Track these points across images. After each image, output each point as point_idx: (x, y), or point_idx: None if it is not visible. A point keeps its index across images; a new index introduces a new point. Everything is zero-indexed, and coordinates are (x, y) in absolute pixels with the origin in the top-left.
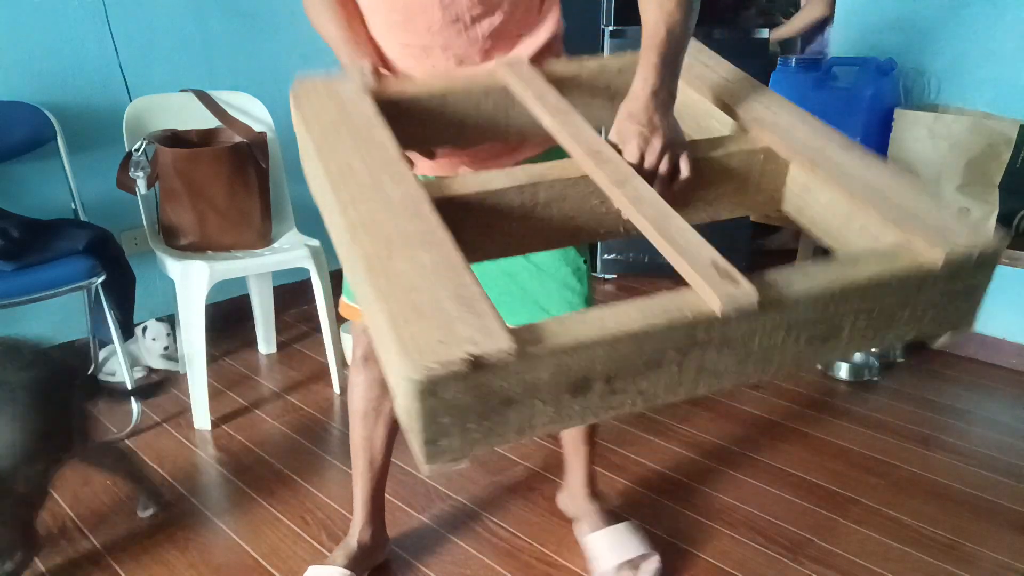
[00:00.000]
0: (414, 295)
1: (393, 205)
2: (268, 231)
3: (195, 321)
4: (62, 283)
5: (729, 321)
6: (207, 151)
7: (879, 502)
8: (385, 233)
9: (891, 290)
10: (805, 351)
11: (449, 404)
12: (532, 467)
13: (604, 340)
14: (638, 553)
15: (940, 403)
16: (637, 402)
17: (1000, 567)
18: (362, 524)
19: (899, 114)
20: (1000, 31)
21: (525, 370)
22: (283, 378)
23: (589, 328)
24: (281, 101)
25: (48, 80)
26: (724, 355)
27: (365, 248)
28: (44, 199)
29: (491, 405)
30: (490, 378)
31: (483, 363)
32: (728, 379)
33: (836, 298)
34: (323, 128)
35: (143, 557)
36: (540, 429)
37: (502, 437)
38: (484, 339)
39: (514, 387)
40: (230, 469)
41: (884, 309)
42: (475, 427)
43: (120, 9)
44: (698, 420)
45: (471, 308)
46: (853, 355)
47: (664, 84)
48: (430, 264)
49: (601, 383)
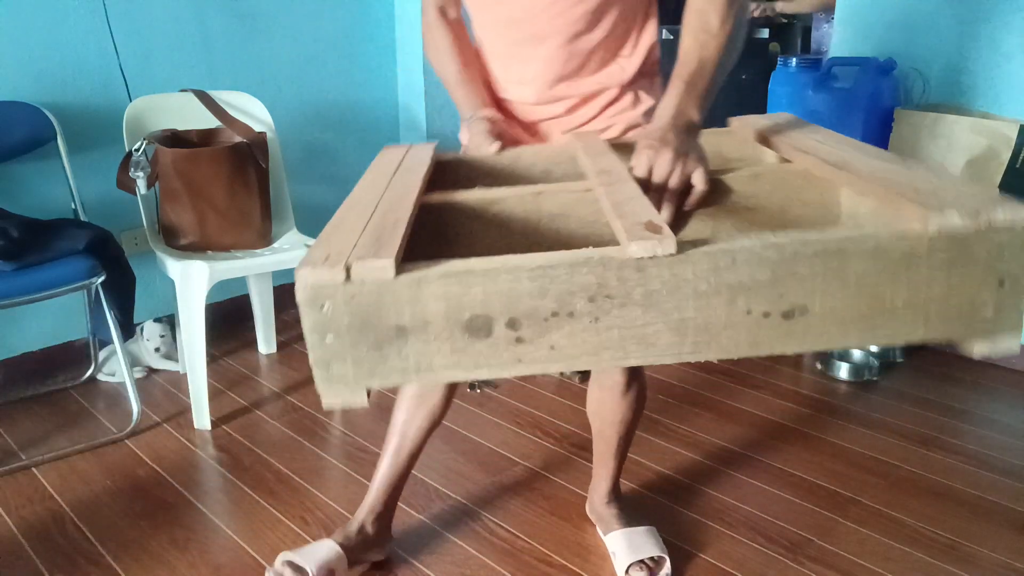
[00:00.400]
0: (345, 232)
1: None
2: (268, 231)
3: (195, 321)
4: (62, 283)
5: (645, 268)
6: (207, 151)
7: (879, 502)
8: (363, 203)
9: (864, 259)
10: (763, 329)
11: (335, 322)
12: (532, 467)
13: (493, 270)
14: (650, 555)
15: (940, 403)
16: (552, 360)
17: (1000, 567)
18: (368, 511)
19: (899, 114)
20: (1000, 31)
21: (412, 298)
22: (283, 378)
23: (483, 261)
24: (281, 101)
25: (48, 80)
26: (652, 318)
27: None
28: (44, 199)
29: (383, 333)
30: (373, 299)
31: (356, 278)
32: (663, 351)
33: (787, 258)
34: (378, 166)
35: (143, 557)
36: (443, 372)
37: (399, 373)
38: (367, 259)
39: (405, 316)
40: (230, 469)
41: (866, 288)
42: (367, 355)
43: (120, 9)
44: (698, 420)
45: (376, 242)
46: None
47: (685, 111)
48: (374, 220)
49: (504, 327)
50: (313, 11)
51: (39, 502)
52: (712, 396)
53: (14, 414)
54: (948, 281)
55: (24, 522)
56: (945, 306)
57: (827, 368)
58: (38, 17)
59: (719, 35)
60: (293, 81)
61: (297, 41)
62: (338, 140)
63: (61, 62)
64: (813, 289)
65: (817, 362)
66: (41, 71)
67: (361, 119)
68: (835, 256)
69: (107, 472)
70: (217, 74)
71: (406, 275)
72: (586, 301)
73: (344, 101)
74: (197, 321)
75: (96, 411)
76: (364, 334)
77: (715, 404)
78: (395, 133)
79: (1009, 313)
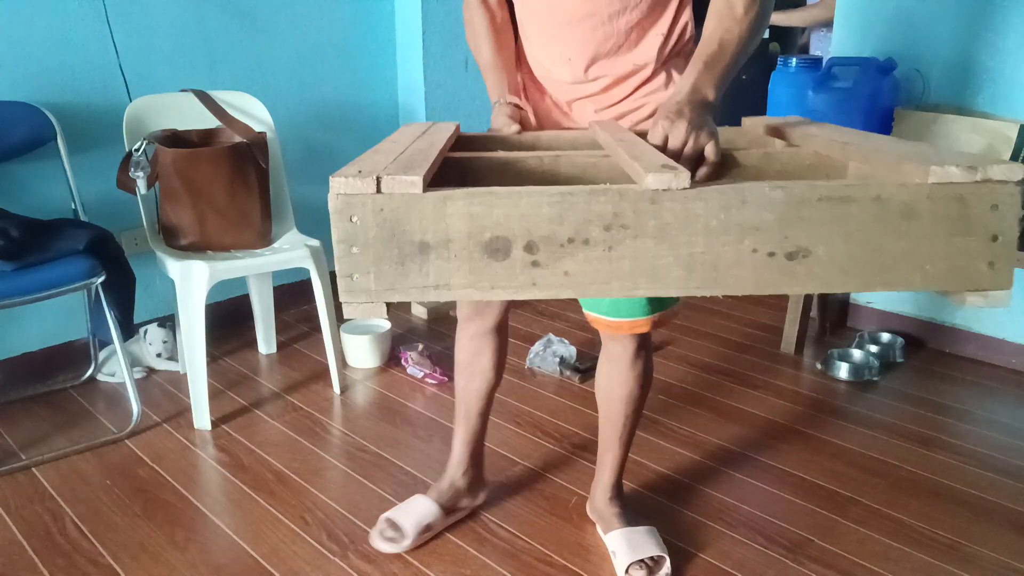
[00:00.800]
0: (378, 158)
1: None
2: (268, 231)
3: (195, 321)
4: (62, 283)
5: (659, 201)
6: (207, 151)
7: (879, 502)
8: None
9: (866, 208)
10: (768, 269)
11: (362, 234)
12: (532, 467)
13: (515, 194)
14: (650, 554)
15: (940, 403)
16: (564, 285)
17: (1000, 567)
18: (455, 467)
19: (899, 114)
20: (1000, 31)
21: (436, 215)
22: (283, 378)
23: (506, 188)
24: (281, 101)
25: (48, 80)
26: (663, 251)
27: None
28: (44, 199)
29: (406, 247)
30: (400, 213)
31: (387, 190)
32: (671, 284)
33: (794, 202)
34: (402, 131)
35: (143, 557)
36: (460, 291)
37: (419, 290)
38: (397, 175)
39: (428, 232)
40: (230, 469)
41: (867, 236)
42: (390, 269)
43: (120, 9)
44: (698, 420)
45: (407, 165)
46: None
47: (702, 89)
48: (405, 153)
49: (521, 250)
50: (313, 11)
51: (39, 502)
52: (712, 396)
53: (14, 414)
54: (945, 233)
55: (24, 522)
56: (942, 258)
57: (827, 368)
58: (38, 17)
59: (742, 20)
60: (293, 81)
61: (297, 41)
62: (338, 140)
63: (61, 62)
64: (817, 234)
65: (817, 362)
66: (41, 71)
67: (361, 119)
68: (839, 203)
69: (107, 472)
70: (217, 74)
71: (432, 192)
72: (601, 230)
73: (344, 101)
74: (197, 321)
75: (96, 411)
76: (388, 247)
77: (715, 404)
78: None
79: (1002, 267)
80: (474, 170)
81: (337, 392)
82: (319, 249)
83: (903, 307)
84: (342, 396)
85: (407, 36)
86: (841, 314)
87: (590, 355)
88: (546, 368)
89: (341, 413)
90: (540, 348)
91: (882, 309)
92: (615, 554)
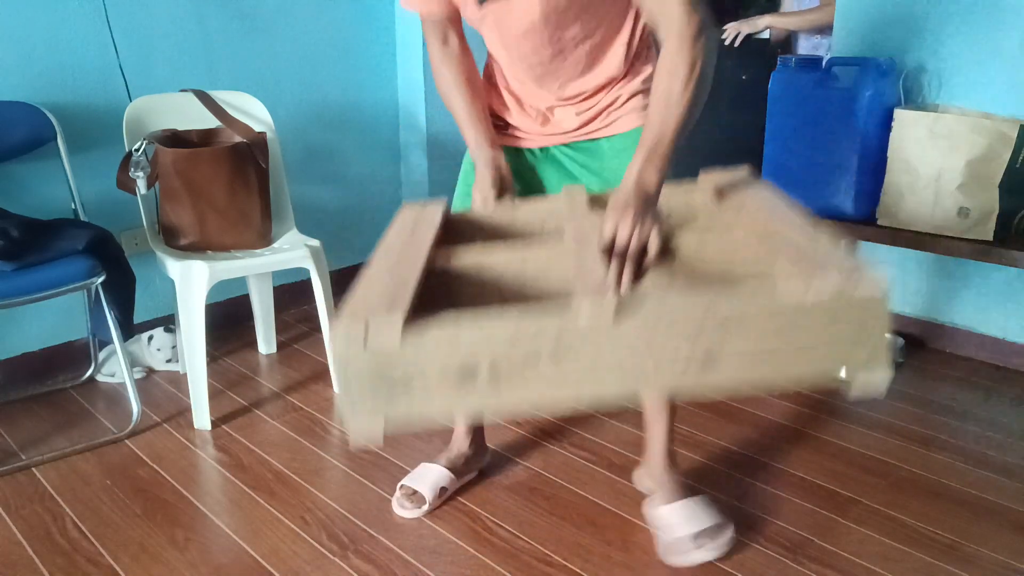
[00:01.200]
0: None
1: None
2: (268, 231)
3: (195, 321)
4: (62, 283)
5: (593, 328)
6: (207, 151)
7: (879, 502)
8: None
9: (762, 317)
10: (687, 373)
11: (359, 370)
12: (532, 467)
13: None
14: (713, 523)
15: (940, 403)
16: (525, 396)
17: (1000, 567)
18: (463, 439)
19: (899, 114)
20: (1000, 31)
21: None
22: (283, 378)
23: (469, 320)
24: (281, 101)
25: (48, 80)
26: (600, 363)
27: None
28: (44, 199)
29: (392, 382)
30: (386, 357)
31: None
32: (609, 388)
33: (705, 316)
34: (397, 225)
35: (143, 557)
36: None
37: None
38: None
39: (408, 367)
40: (230, 469)
41: (767, 340)
42: (380, 396)
43: (120, 9)
44: (698, 421)
45: (391, 302)
46: None
47: (646, 181)
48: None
49: (486, 371)
50: (313, 11)
51: (39, 502)
52: (712, 396)
53: (14, 414)
54: (832, 332)
55: (24, 522)
56: (830, 352)
57: None
58: (38, 17)
59: (681, 102)
60: (293, 81)
61: (297, 41)
62: (338, 140)
63: (61, 62)
64: (723, 339)
65: None
66: (41, 71)
67: (361, 119)
68: (739, 315)
69: (107, 472)
70: (217, 74)
71: (410, 332)
72: (549, 348)
73: (344, 101)
74: (197, 321)
75: (96, 411)
76: (376, 379)
77: (715, 404)
78: (395, 133)
79: (876, 358)
80: (456, 277)
81: (337, 392)
82: (319, 249)
83: (903, 307)
84: None
85: (407, 36)
86: None
87: None
88: None
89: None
90: None
91: None
92: (672, 526)
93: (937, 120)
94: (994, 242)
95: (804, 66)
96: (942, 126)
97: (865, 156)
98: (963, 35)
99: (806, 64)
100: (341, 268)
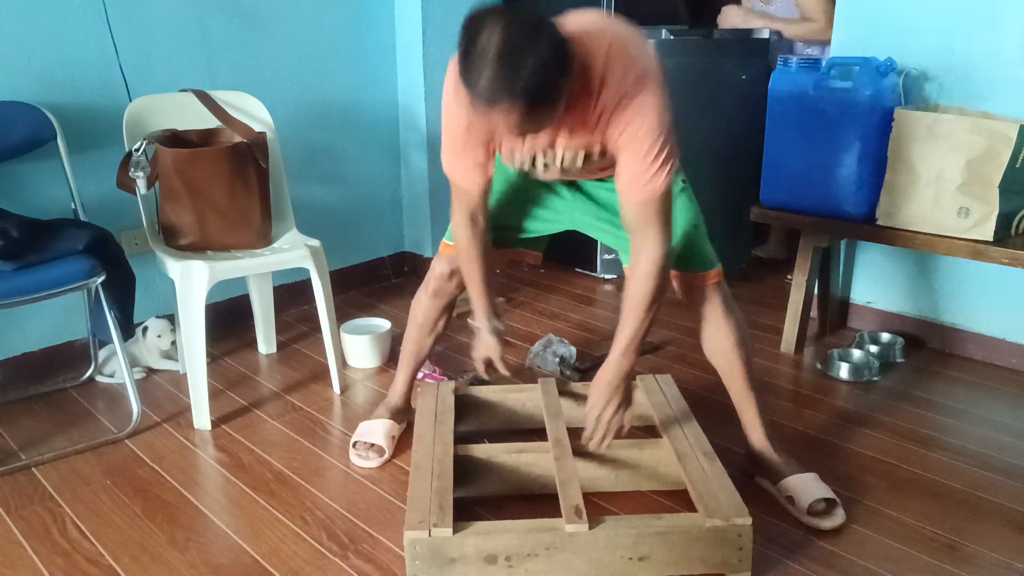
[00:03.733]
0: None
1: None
2: (268, 231)
3: (195, 321)
4: (62, 283)
5: (573, 535)
6: (207, 151)
7: (879, 502)
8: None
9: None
10: (630, 567)
11: (421, 553)
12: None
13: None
14: (825, 495)
15: (940, 403)
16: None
17: (1000, 567)
18: (402, 394)
19: (899, 114)
20: (1000, 31)
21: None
22: (283, 378)
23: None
24: (281, 101)
25: (48, 80)
26: (577, 560)
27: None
28: (44, 199)
29: (445, 560)
30: (440, 544)
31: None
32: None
33: (641, 532)
34: (423, 410)
35: (143, 557)
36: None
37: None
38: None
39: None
40: (230, 469)
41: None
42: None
43: (120, 9)
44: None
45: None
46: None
47: (619, 374)
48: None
49: (503, 560)
50: (313, 11)
51: (39, 502)
52: (712, 396)
53: (14, 414)
54: (716, 546)
55: (24, 522)
56: (715, 558)
57: (827, 368)
58: (38, 17)
59: (648, 316)
60: (293, 81)
61: (297, 41)
62: (338, 140)
63: (61, 62)
64: (652, 547)
65: (817, 362)
66: (41, 71)
67: (361, 119)
68: (660, 533)
69: (107, 472)
70: (217, 74)
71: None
72: (543, 548)
73: (344, 101)
74: (197, 321)
75: (96, 411)
76: (435, 560)
77: (715, 404)
78: (395, 133)
79: (744, 563)
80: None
81: (337, 392)
82: (319, 249)
83: (903, 307)
84: (342, 396)
85: (407, 36)
86: (841, 314)
87: (590, 355)
88: (546, 368)
89: (341, 413)
90: (540, 348)
91: (882, 309)
92: (793, 498)
93: (937, 120)
94: (994, 242)
95: (804, 66)
96: (942, 126)
97: (865, 156)
98: (963, 35)
99: (806, 64)
100: (341, 268)
